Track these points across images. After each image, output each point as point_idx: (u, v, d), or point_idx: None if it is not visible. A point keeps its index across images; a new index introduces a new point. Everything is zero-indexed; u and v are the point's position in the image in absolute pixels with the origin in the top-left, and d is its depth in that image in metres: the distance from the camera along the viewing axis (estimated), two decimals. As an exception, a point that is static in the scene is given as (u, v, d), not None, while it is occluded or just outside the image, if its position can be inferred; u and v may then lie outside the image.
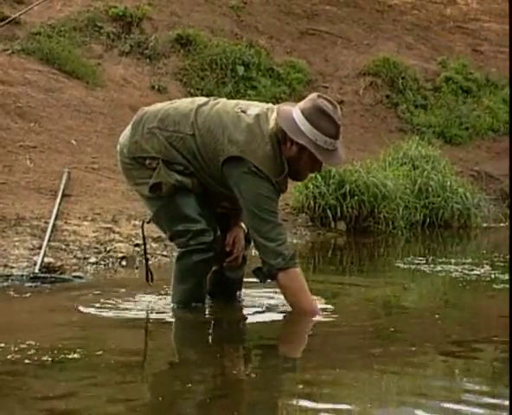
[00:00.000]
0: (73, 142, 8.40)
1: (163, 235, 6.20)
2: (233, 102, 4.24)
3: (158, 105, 4.32)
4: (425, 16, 14.41)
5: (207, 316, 4.23)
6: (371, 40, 13.27)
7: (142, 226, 4.44)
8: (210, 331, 4.11)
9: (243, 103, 4.24)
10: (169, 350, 3.77)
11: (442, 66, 13.07)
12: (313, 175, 7.24)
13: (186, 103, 4.28)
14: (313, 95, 4.10)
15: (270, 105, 4.23)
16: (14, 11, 10.28)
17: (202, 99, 4.27)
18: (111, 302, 4.42)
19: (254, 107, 4.15)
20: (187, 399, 2.95)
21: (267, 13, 13.05)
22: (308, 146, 3.96)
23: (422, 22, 14.22)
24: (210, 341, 3.99)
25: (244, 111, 4.10)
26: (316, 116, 3.97)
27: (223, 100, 4.27)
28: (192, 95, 10.07)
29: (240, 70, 11.18)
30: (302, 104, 4.05)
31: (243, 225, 4.32)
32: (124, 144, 4.25)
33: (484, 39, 14.33)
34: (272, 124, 4.03)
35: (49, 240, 5.79)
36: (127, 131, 4.27)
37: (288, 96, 11.26)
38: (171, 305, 4.26)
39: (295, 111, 4.02)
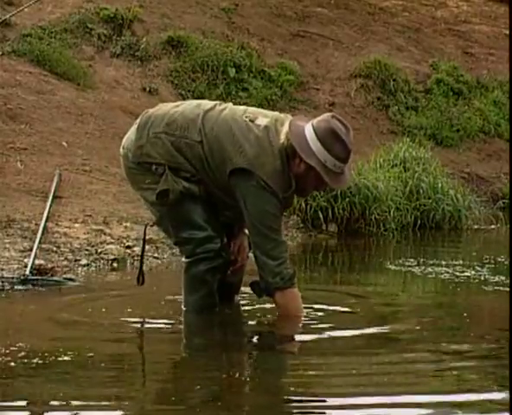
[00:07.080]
0: (64, 143, 8.38)
1: (154, 237, 6.25)
2: (241, 109, 4.16)
3: (163, 108, 4.21)
4: (416, 19, 14.43)
5: (206, 319, 4.21)
6: (362, 42, 13.28)
7: (144, 230, 4.41)
8: (208, 334, 4.11)
9: (251, 110, 4.16)
10: (165, 352, 3.75)
11: (433, 68, 13.09)
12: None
13: (192, 107, 4.18)
14: (327, 115, 4.04)
15: (276, 113, 4.17)
16: (4, 13, 10.25)
17: (208, 104, 4.19)
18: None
19: (263, 117, 4.07)
20: (186, 400, 2.93)
21: (258, 15, 13.05)
22: (317, 167, 3.91)
23: (413, 25, 14.24)
24: (209, 342, 3.98)
25: (252, 121, 4.03)
26: (328, 138, 3.91)
27: (230, 106, 4.18)
28: (183, 97, 10.07)
29: (232, 72, 11.17)
30: (315, 122, 3.98)
31: (247, 231, 4.25)
32: (128, 149, 4.15)
33: (475, 41, 14.35)
34: (282, 138, 3.96)
35: (40, 242, 5.78)
36: (131, 135, 4.17)
37: (279, 98, 11.26)
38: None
39: (307, 128, 3.96)
